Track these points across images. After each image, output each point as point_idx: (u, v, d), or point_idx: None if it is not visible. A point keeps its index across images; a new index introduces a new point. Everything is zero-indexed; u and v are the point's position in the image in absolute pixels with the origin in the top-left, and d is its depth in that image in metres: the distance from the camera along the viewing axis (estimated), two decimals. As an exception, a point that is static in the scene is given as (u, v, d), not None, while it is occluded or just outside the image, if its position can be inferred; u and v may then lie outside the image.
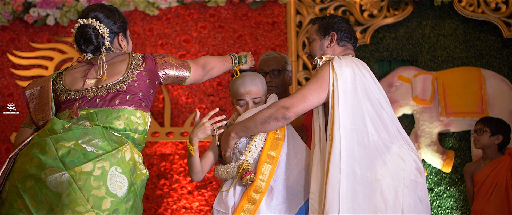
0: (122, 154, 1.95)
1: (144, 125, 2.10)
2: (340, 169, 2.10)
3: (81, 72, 2.10)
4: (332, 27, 2.39)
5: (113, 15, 2.15)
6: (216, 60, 2.38)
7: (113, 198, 1.88)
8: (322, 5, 4.24)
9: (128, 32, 2.26)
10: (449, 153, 4.02)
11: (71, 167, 1.85)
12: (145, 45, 4.35)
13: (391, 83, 4.09)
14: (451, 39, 4.16)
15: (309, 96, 2.22)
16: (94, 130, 1.95)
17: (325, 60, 2.31)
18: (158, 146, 4.28)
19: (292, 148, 2.31)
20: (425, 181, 2.25)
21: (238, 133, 2.29)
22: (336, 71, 2.21)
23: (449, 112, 4.01)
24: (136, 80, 2.06)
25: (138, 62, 2.10)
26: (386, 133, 2.21)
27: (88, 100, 2.02)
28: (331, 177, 2.10)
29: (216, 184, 4.16)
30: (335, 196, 2.08)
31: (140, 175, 2.00)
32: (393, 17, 4.16)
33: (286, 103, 2.22)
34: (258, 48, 4.26)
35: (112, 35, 2.14)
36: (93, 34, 2.08)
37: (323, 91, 2.23)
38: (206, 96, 4.27)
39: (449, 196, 4.02)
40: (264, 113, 2.24)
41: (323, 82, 2.23)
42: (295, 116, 2.22)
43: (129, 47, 2.24)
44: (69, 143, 1.90)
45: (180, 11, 4.35)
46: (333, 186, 2.09)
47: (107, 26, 2.11)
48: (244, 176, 2.21)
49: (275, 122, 2.23)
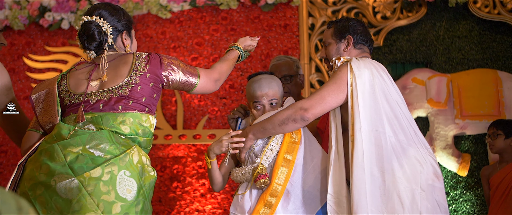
0: (130, 157, 1.94)
1: (150, 128, 2.08)
2: (364, 170, 2.09)
3: (84, 73, 2.09)
4: (348, 30, 2.37)
5: (117, 13, 2.13)
6: (228, 68, 2.33)
7: (123, 203, 1.87)
8: (334, 7, 4.21)
9: (133, 32, 2.24)
10: (465, 156, 3.96)
11: (80, 173, 1.85)
12: (157, 48, 4.37)
13: (405, 85, 4.05)
14: (466, 40, 4.11)
15: (327, 98, 2.20)
16: (101, 134, 1.94)
17: (343, 61, 2.30)
18: (171, 149, 4.29)
19: (308, 151, 2.29)
20: (443, 186, 2.23)
21: (256, 134, 2.28)
22: (354, 72, 2.20)
23: (465, 115, 3.96)
24: (139, 83, 2.03)
25: (142, 63, 2.06)
26: (404, 135, 2.19)
27: (91, 105, 2.01)
28: (356, 178, 2.09)
29: (229, 187, 4.15)
30: (362, 197, 2.07)
31: (149, 177, 1.99)
32: (406, 19, 4.13)
33: (304, 105, 2.20)
34: (270, 51, 4.25)
35: (116, 33, 2.12)
36: (96, 31, 2.06)
37: (342, 92, 2.21)
38: (219, 99, 4.27)
39: (466, 200, 3.96)
40: (282, 114, 2.22)
41: (341, 83, 2.21)
42: (313, 117, 2.21)
43: (133, 47, 2.22)
44: (77, 149, 1.89)
45: (193, 14, 4.36)
46: (359, 187, 2.08)
47: (111, 23, 2.09)
48: (258, 179, 2.20)
49: (293, 123, 2.21)
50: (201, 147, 4.25)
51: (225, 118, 4.21)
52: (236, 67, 4.27)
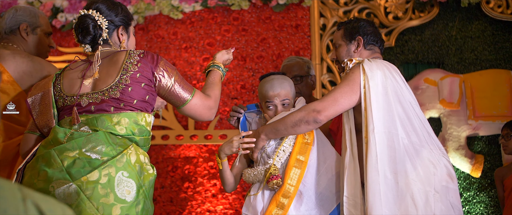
0: (127, 157, 1.91)
1: (146, 126, 2.04)
2: (379, 172, 2.08)
3: (78, 72, 2.07)
4: (358, 31, 2.36)
5: (115, 7, 2.11)
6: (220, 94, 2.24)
7: (122, 204, 1.85)
8: (346, 8, 4.20)
9: (132, 28, 2.20)
10: (478, 157, 3.94)
11: (78, 177, 1.83)
12: (169, 49, 4.38)
13: (417, 86, 4.03)
14: (478, 41, 4.08)
15: (340, 99, 2.20)
16: (96, 135, 1.91)
17: (355, 62, 2.29)
18: (182, 149, 4.30)
19: (321, 152, 2.29)
20: (457, 187, 2.21)
21: (268, 135, 2.27)
22: (367, 73, 2.19)
23: (478, 115, 3.93)
24: (129, 84, 1.98)
25: (134, 62, 2.01)
26: (417, 137, 2.18)
27: (84, 108, 1.98)
28: (370, 180, 2.09)
29: (240, 188, 4.16)
30: (377, 198, 2.07)
31: (148, 175, 1.97)
32: (418, 19, 4.11)
33: (317, 107, 2.19)
34: (282, 51, 4.25)
35: (112, 28, 2.09)
36: (91, 24, 2.04)
37: (355, 94, 2.20)
38: (230, 100, 4.28)
39: (479, 201, 3.93)
40: (295, 116, 2.22)
41: (354, 85, 2.20)
42: (326, 119, 2.21)
43: (130, 43, 2.18)
44: (73, 153, 1.87)
45: (204, 14, 4.37)
46: (373, 189, 2.08)
47: (107, 18, 2.07)
48: (271, 180, 2.20)
49: (306, 125, 2.20)
50: (212, 147, 4.25)
51: (237, 118, 4.22)
52: (247, 67, 4.27)
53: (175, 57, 4.36)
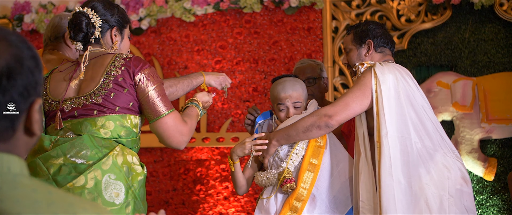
0: (113, 159, 1.88)
1: (132, 128, 1.98)
2: (392, 176, 2.08)
3: (65, 74, 2.06)
4: (367, 34, 2.35)
5: (111, 7, 2.08)
6: (194, 127, 2.14)
7: (111, 207, 1.82)
8: (358, 10, 4.20)
9: (127, 31, 2.16)
10: (491, 161, 3.91)
11: (64, 184, 1.81)
12: (181, 52, 4.39)
13: (429, 89, 4.02)
14: (492, 44, 4.06)
15: (352, 104, 2.19)
16: (80, 140, 1.88)
17: (367, 66, 2.28)
18: (194, 152, 4.31)
19: (334, 156, 2.29)
20: (471, 190, 2.20)
21: (280, 140, 2.27)
22: (378, 77, 2.18)
23: (491, 118, 3.91)
24: (112, 89, 1.93)
25: (118, 65, 1.96)
26: (430, 141, 2.17)
27: (67, 113, 1.96)
28: (384, 184, 2.08)
29: (252, 190, 4.16)
30: (391, 203, 2.06)
31: (137, 175, 1.93)
32: (431, 22, 4.09)
33: (328, 112, 2.19)
34: (294, 54, 4.25)
35: (106, 27, 2.06)
36: (85, 22, 2.02)
37: (366, 98, 2.20)
38: (242, 102, 4.28)
39: (492, 205, 3.91)
40: (306, 121, 2.22)
41: (365, 89, 2.20)
42: (337, 124, 2.20)
43: (122, 46, 2.14)
44: (59, 160, 1.85)
45: (216, 17, 4.38)
46: (387, 193, 2.07)
47: (102, 16, 2.04)
48: (285, 183, 2.20)
49: (318, 130, 2.20)
50: (224, 150, 4.26)
51: (248, 121, 4.22)
52: (259, 70, 4.27)
53: (187, 59, 4.37)
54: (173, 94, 2.30)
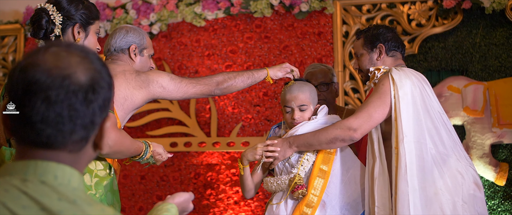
0: None
1: None
2: (408, 182, 2.08)
3: None
4: (378, 39, 2.35)
5: (76, 2, 2.00)
6: (127, 147, 1.97)
7: None
8: (368, 15, 4.19)
9: (94, 27, 2.07)
10: (503, 166, 3.89)
11: None
12: (192, 56, 4.41)
13: (440, 93, 4.00)
14: (503, 48, 4.04)
15: (374, 115, 2.20)
16: None
17: (383, 72, 2.28)
18: (205, 156, 4.31)
19: (344, 162, 2.29)
20: (484, 196, 2.20)
21: (300, 148, 2.27)
22: (396, 83, 2.18)
23: (502, 123, 3.88)
24: None
25: None
26: (443, 147, 2.17)
27: None
28: (399, 191, 2.08)
29: (262, 195, 4.16)
30: (406, 209, 2.06)
31: (101, 180, 1.88)
32: (442, 26, 4.08)
33: (353, 125, 2.19)
34: (304, 58, 4.25)
35: (68, 24, 1.99)
36: (45, 19, 1.94)
37: (386, 106, 2.20)
38: (253, 107, 4.29)
39: (504, 210, 3.89)
40: (330, 133, 2.21)
41: (385, 97, 2.20)
42: (361, 136, 2.21)
43: (87, 44, 2.05)
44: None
45: (227, 22, 4.39)
46: (403, 199, 2.07)
47: (64, 13, 1.96)
48: (296, 190, 2.20)
49: (342, 142, 2.22)
50: (235, 155, 4.26)
51: (259, 126, 4.22)
52: (269, 75, 4.27)
53: (197, 64, 4.38)
54: (231, 87, 2.30)
